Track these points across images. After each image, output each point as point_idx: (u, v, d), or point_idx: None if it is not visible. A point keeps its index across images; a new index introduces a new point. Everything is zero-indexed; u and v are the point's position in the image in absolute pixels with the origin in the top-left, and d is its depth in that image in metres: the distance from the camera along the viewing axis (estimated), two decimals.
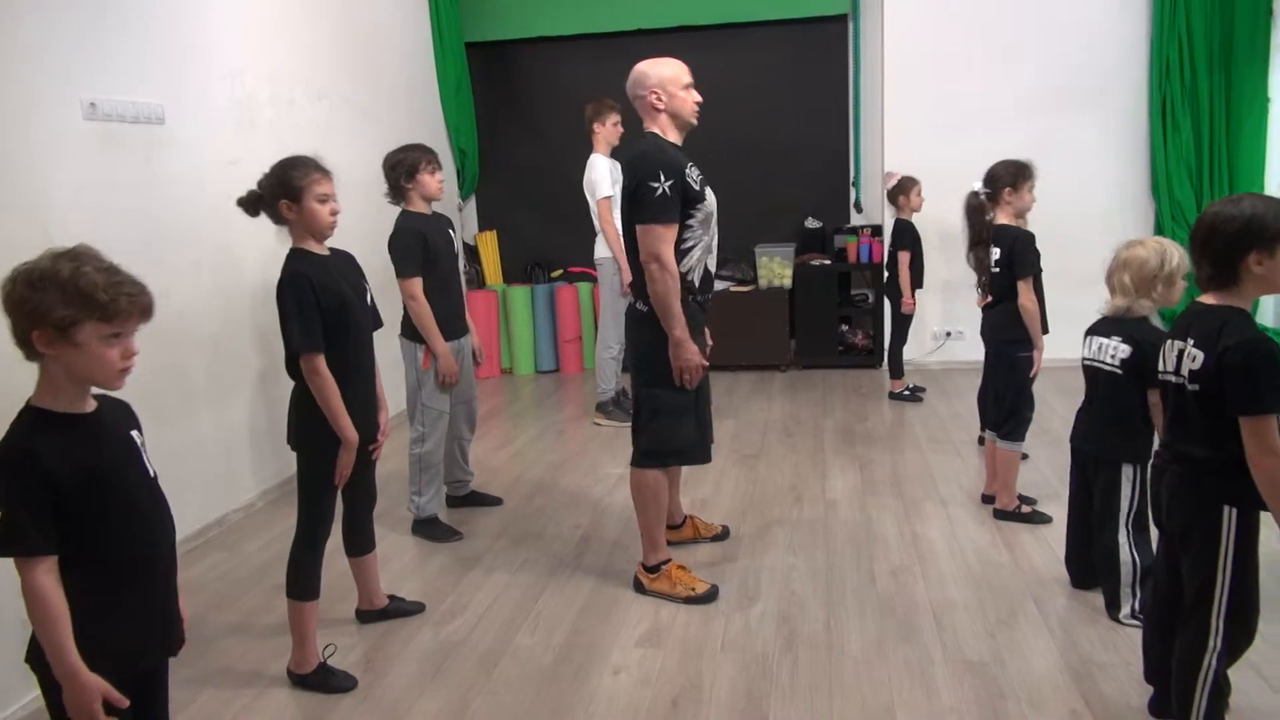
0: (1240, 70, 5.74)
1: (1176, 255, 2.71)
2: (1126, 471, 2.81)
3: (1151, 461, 2.25)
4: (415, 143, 3.69)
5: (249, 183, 2.61)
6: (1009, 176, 3.60)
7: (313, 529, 2.68)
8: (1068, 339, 2.95)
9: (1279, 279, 1.98)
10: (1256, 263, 1.96)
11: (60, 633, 1.55)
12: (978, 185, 3.70)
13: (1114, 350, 2.78)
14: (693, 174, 2.95)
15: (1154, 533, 2.31)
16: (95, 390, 1.67)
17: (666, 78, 2.98)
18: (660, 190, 2.84)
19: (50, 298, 1.53)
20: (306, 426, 2.62)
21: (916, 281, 5.44)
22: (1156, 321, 2.86)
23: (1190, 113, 5.86)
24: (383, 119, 5.60)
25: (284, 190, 2.53)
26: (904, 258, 5.36)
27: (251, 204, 2.59)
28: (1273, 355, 1.92)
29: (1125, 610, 2.80)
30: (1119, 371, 2.77)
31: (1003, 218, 3.64)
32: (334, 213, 2.60)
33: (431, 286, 3.58)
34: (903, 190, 5.39)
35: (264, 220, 2.63)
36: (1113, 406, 2.81)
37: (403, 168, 3.57)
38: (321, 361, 2.55)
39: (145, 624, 1.70)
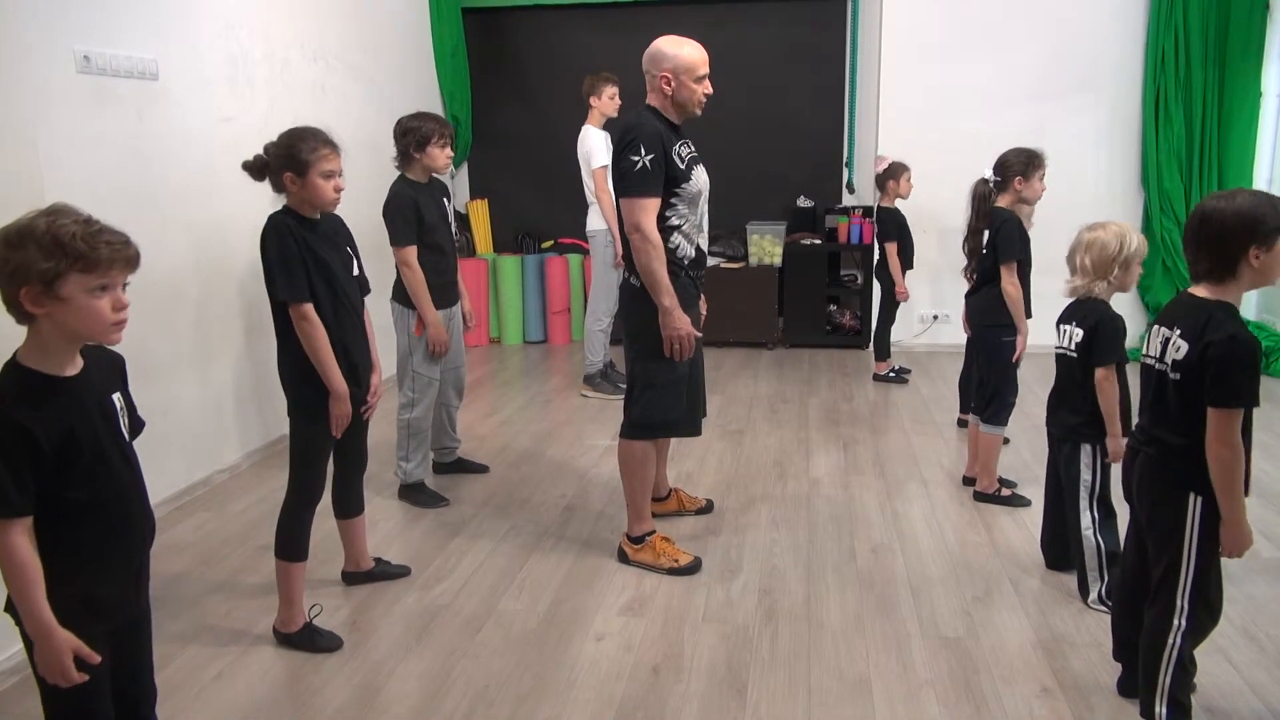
0: (1235, 64, 5.77)
1: (1135, 240, 2.78)
2: (1084, 452, 2.87)
3: (1127, 443, 2.31)
4: (431, 113, 3.63)
5: (242, 142, 2.58)
6: (1020, 165, 3.57)
7: (305, 492, 2.69)
8: (1052, 325, 2.99)
9: (1274, 272, 2.03)
10: (1255, 257, 2.01)
11: (33, 592, 1.54)
12: (988, 173, 3.64)
13: (1074, 335, 2.85)
14: (680, 152, 2.95)
15: (1123, 517, 2.36)
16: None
17: (682, 66, 2.95)
18: (640, 164, 2.84)
19: (30, 253, 1.50)
20: (298, 389, 2.62)
21: (906, 264, 5.45)
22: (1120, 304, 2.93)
23: (1183, 105, 5.89)
24: (378, 82, 5.55)
25: (290, 162, 2.49)
26: (891, 248, 5.35)
27: (257, 169, 2.55)
28: (1253, 354, 1.98)
29: (1094, 594, 2.86)
30: (1076, 355, 2.85)
31: (1001, 201, 3.62)
32: (338, 189, 2.56)
33: (424, 253, 3.57)
34: (892, 175, 5.35)
35: (254, 180, 2.60)
36: (1071, 387, 2.89)
37: (414, 136, 3.52)
38: (310, 309, 2.52)
39: (118, 585, 1.69)
